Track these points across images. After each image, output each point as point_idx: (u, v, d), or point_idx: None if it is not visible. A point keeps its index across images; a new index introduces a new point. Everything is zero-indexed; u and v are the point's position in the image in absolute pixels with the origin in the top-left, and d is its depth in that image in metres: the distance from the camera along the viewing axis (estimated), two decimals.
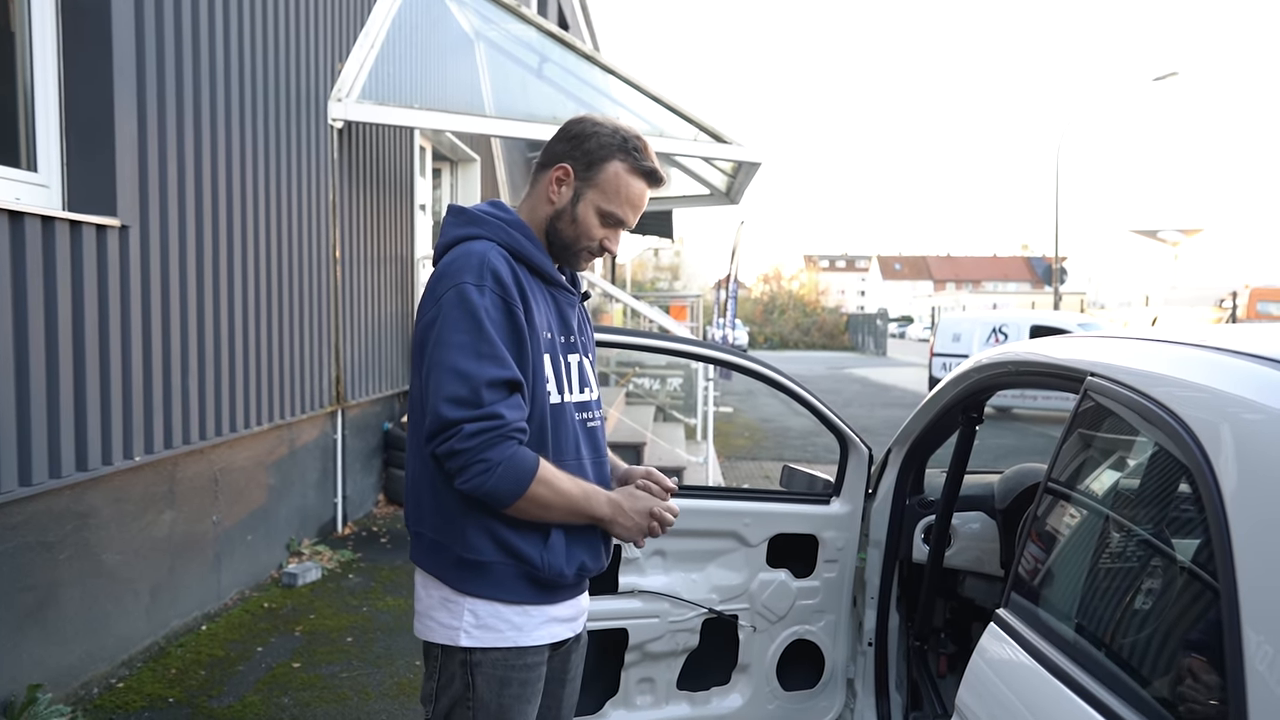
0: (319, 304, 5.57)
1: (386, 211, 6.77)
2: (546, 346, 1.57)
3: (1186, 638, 1.09)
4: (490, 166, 10.16)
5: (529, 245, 1.59)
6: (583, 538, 1.61)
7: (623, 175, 1.59)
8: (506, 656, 1.53)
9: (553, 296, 1.64)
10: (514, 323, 1.49)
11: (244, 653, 3.98)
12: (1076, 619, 1.31)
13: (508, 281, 1.50)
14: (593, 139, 1.59)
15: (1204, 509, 1.05)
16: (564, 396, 1.59)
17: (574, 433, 1.60)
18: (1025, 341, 1.97)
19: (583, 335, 1.71)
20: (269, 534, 5.05)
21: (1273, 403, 1.07)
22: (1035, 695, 1.27)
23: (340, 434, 5.92)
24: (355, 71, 5.84)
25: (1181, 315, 18.41)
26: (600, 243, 1.63)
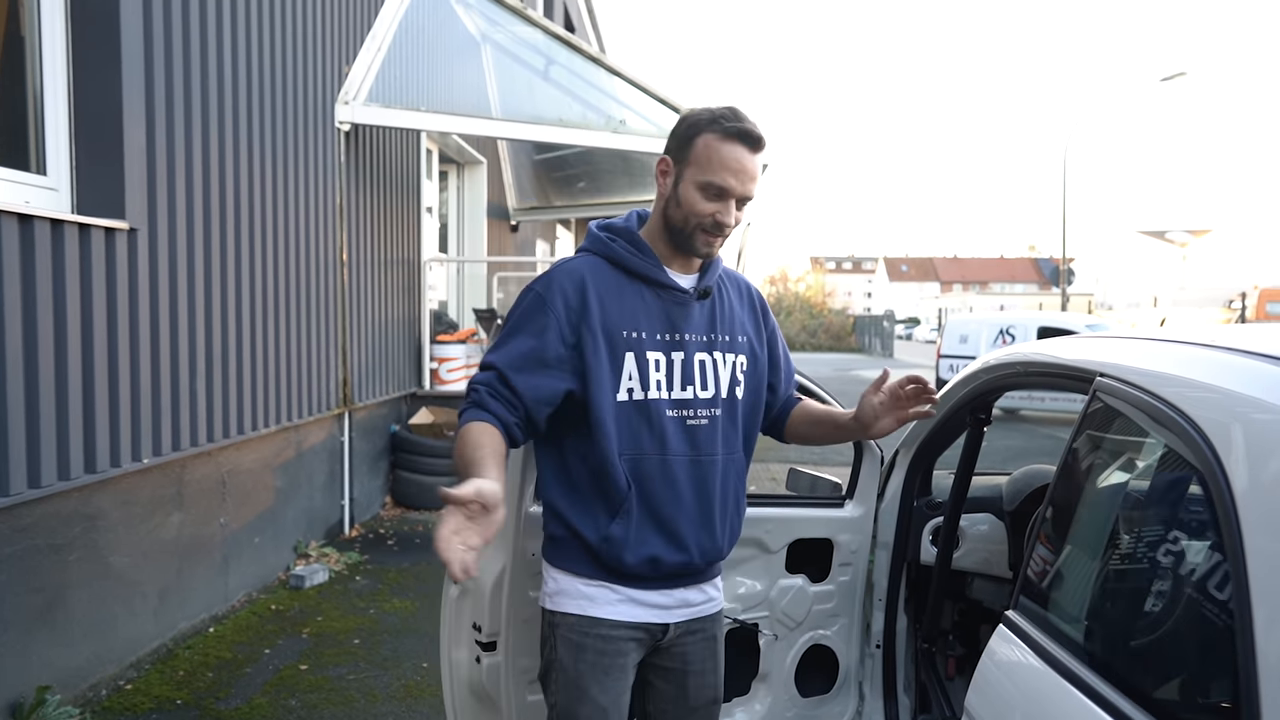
0: (326, 306, 5.59)
1: (394, 214, 6.78)
2: (629, 345, 1.64)
3: (1198, 639, 1.08)
4: (497, 169, 10.18)
5: (624, 252, 1.69)
6: (658, 529, 1.65)
7: (713, 144, 1.62)
8: (581, 624, 1.66)
9: (657, 297, 1.69)
10: (541, 318, 1.63)
11: (251, 655, 3.99)
12: (1086, 621, 1.30)
13: (560, 290, 1.64)
14: (683, 123, 1.66)
15: (1215, 509, 1.04)
16: (648, 393, 1.64)
17: (662, 427, 1.65)
18: (1033, 342, 1.96)
19: (712, 333, 1.74)
20: (276, 536, 5.06)
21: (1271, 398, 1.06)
22: (1044, 698, 1.26)
23: (347, 436, 5.93)
24: (362, 74, 5.86)
25: (1190, 316, 18.32)
26: (712, 218, 1.64)
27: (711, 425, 1.71)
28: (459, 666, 2.25)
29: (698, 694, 1.78)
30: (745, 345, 1.79)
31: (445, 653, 2.30)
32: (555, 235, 14.48)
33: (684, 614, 1.75)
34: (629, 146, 7.13)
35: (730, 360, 1.75)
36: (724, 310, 1.78)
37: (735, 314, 1.80)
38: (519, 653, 2.13)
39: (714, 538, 1.73)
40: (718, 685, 1.83)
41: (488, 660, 2.12)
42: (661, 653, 1.76)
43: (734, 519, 1.80)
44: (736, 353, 1.77)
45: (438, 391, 7.30)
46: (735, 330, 1.78)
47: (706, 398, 1.71)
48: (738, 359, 1.77)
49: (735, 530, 1.81)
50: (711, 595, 1.81)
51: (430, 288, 7.63)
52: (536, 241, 12.78)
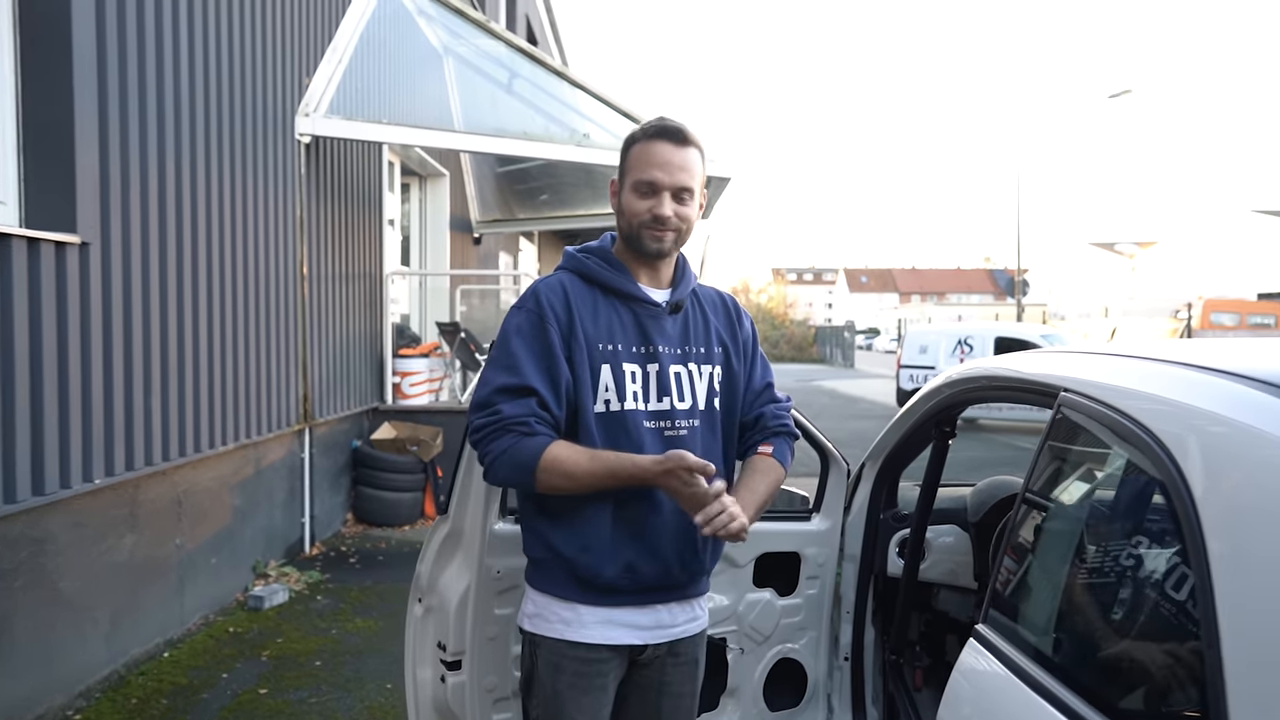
0: (286, 321, 5.49)
1: (355, 227, 6.70)
2: (605, 357, 1.67)
3: (1165, 648, 1.10)
4: (459, 181, 10.11)
5: (596, 267, 1.73)
6: (634, 539, 1.66)
7: (640, 149, 1.70)
8: (559, 646, 1.68)
9: (630, 311, 1.72)
10: (545, 338, 1.64)
11: (208, 680, 3.88)
12: (1054, 633, 1.31)
13: (547, 302, 1.67)
14: (623, 145, 1.76)
15: (1179, 519, 1.06)
16: (624, 404, 1.67)
17: (638, 438, 1.66)
18: (998, 357, 1.99)
19: (687, 345, 1.76)
20: (234, 556, 4.94)
21: (1240, 416, 1.09)
22: (1015, 712, 1.27)
23: (308, 453, 5.82)
24: (323, 86, 5.79)
25: (1140, 326, 18.81)
26: (649, 213, 1.69)
27: (691, 436, 1.72)
28: (424, 686, 2.22)
29: (671, 715, 1.79)
30: (720, 356, 1.81)
31: (410, 672, 2.27)
32: (518, 248, 14.42)
33: (664, 635, 1.74)
34: (593, 160, 7.14)
35: (706, 372, 1.77)
36: (697, 322, 1.80)
37: (710, 326, 1.82)
38: (484, 671, 2.10)
39: (695, 551, 1.73)
40: (693, 709, 1.83)
41: (453, 679, 2.09)
42: (640, 670, 1.76)
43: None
44: (712, 364, 1.79)
45: (400, 406, 7.21)
46: (710, 342, 1.80)
47: (684, 409, 1.73)
48: (714, 370, 1.78)
49: (718, 547, 1.81)
50: (694, 614, 1.80)
51: (393, 301, 7.55)
52: (499, 254, 12.71)
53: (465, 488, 2.17)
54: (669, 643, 1.75)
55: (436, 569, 2.22)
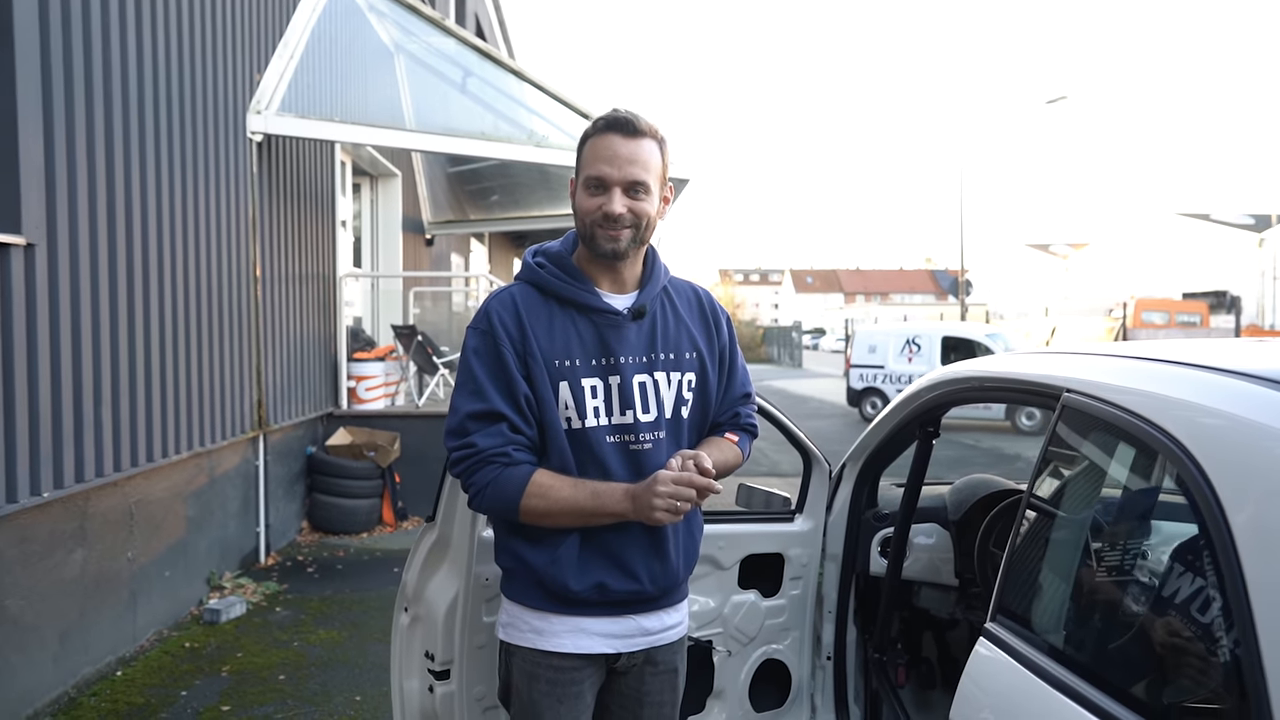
0: (239, 324, 5.33)
1: (308, 228, 6.54)
2: (562, 374, 1.59)
3: (1189, 637, 1.12)
4: (411, 181, 9.95)
5: (551, 279, 1.64)
6: (604, 556, 1.62)
7: (591, 144, 1.63)
8: (532, 655, 1.65)
9: (589, 322, 1.63)
10: (499, 358, 1.59)
11: (166, 698, 3.74)
12: (1072, 627, 1.34)
13: (499, 320, 1.61)
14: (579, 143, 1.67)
15: (1201, 515, 1.08)
16: (585, 421, 1.60)
17: (601, 455, 1.60)
18: (989, 359, 2.02)
19: (652, 353, 1.66)
20: (188, 569, 4.78)
21: (1251, 413, 1.12)
22: (1032, 705, 1.28)
23: (262, 460, 5.66)
24: (274, 83, 5.64)
25: (1078, 325, 19.45)
26: (600, 211, 1.60)
27: (656, 449, 1.65)
28: (411, 696, 2.17)
29: None
30: (693, 361, 1.70)
31: (396, 682, 2.22)
32: (469, 249, 14.25)
33: (639, 643, 1.69)
34: (549, 160, 7.08)
35: (675, 379, 1.68)
36: (666, 327, 1.70)
37: (682, 328, 1.72)
38: (473, 680, 2.06)
39: (667, 564, 1.68)
40: (674, 717, 1.78)
41: (441, 689, 2.05)
42: (618, 679, 1.72)
43: (689, 543, 1.74)
44: (683, 370, 1.69)
45: (356, 411, 7.06)
46: (681, 347, 1.70)
47: (648, 421, 1.65)
48: (684, 377, 1.69)
49: (692, 554, 1.76)
50: (671, 623, 1.74)
51: (346, 304, 7.39)
52: (451, 255, 12.55)
53: (453, 495, 2.12)
54: (645, 650, 1.70)
55: (423, 577, 2.18)
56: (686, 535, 1.73)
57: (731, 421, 1.80)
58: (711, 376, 1.73)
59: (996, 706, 1.38)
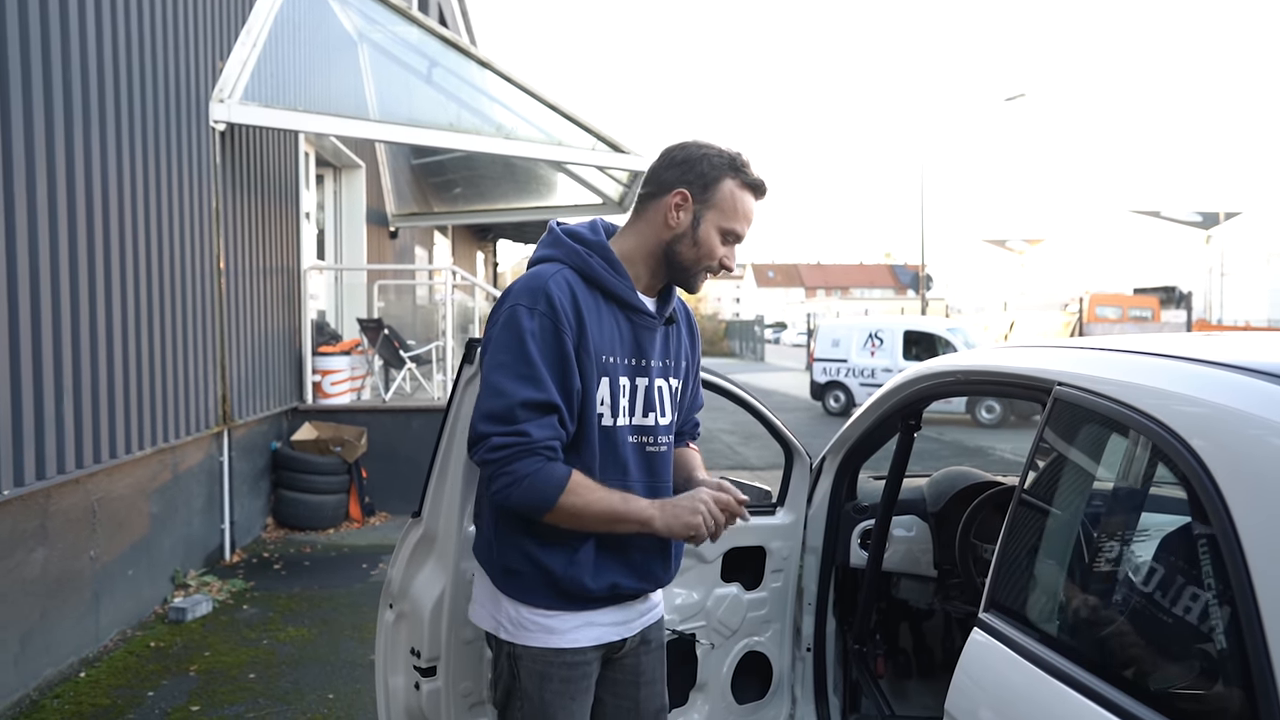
0: (203, 318, 5.21)
1: (271, 219, 6.41)
2: (605, 369, 1.60)
3: (1189, 620, 1.15)
4: (375, 173, 9.81)
5: (602, 270, 1.62)
6: (618, 557, 1.64)
7: (736, 192, 1.64)
8: (544, 654, 1.62)
9: (628, 321, 1.65)
10: (560, 347, 1.54)
11: (133, 699, 3.65)
12: (1067, 616, 1.37)
13: (561, 306, 1.55)
14: (704, 161, 1.63)
15: (1200, 503, 1.11)
16: (616, 420, 1.62)
17: (624, 455, 1.64)
18: (974, 352, 2.06)
19: (667, 359, 1.72)
20: (152, 567, 4.67)
21: (1237, 403, 1.16)
22: (1029, 694, 1.31)
23: (227, 456, 5.55)
24: (238, 71, 5.51)
25: (1035, 319, 19.87)
26: (720, 261, 1.66)
27: (667, 451, 1.73)
28: (396, 694, 2.15)
29: (648, 704, 1.79)
30: (685, 370, 1.80)
31: (381, 680, 2.20)
32: (433, 242, 14.10)
33: (636, 625, 1.76)
34: (517, 152, 7.04)
35: (675, 385, 1.76)
36: (678, 336, 1.79)
37: (682, 339, 1.81)
38: (460, 676, 2.05)
39: (667, 566, 1.74)
40: (664, 694, 1.83)
41: (427, 686, 2.04)
42: (614, 665, 1.75)
43: (679, 545, 1.79)
44: (680, 378, 1.78)
45: (321, 405, 6.95)
46: (680, 355, 1.79)
47: (665, 424, 1.71)
48: (679, 384, 1.78)
49: (680, 552, 1.82)
50: (655, 600, 1.83)
51: (311, 297, 7.27)
52: (415, 249, 12.40)
53: (439, 490, 2.10)
54: (641, 631, 1.77)
55: (409, 574, 2.16)
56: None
57: (692, 432, 1.92)
58: (688, 382, 1.83)
59: (993, 694, 1.41)
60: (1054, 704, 1.26)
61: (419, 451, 6.67)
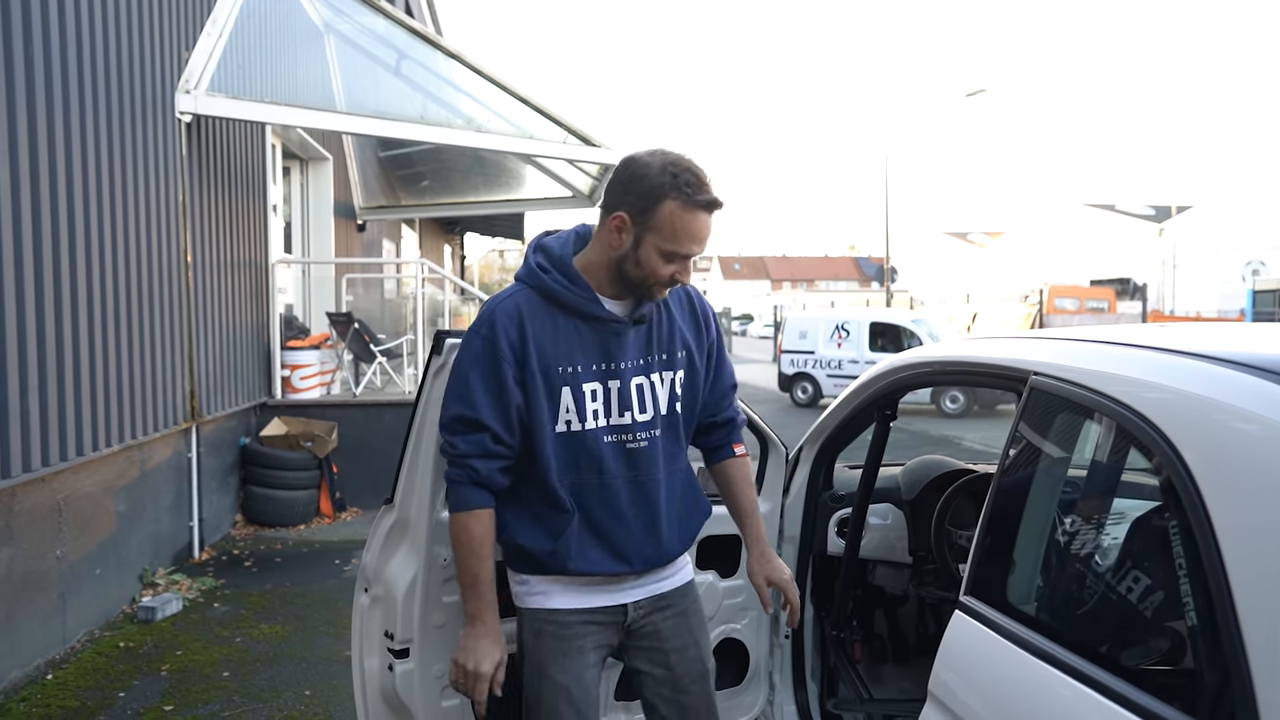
0: (170, 312, 5.13)
1: (239, 212, 6.32)
2: (565, 379, 1.68)
3: (1163, 603, 1.21)
4: (343, 165, 9.70)
5: (556, 286, 1.68)
6: (600, 542, 1.74)
7: (678, 214, 1.60)
8: (540, 614, 1.77)
9: (590, 328, 1.70)
10: (497, 371, 1.66)
11: (103, 700, 3.60)
12: (1045, 597, 1.42)
13: (503, 331, 1.66)
14: (642, 182, 1.61)
15: (1173, 485, 1.16)
16: (585, 424, 1.70)
17: (598, 454, 1.71)
18: (950, 343, 2.11)
19: (648, 356, 1.75)
20: (120, 566, 4.60)
21: (1200, 389, 1.22)
22: (1013, 674, 1.36)
23: (195, 452, 5.47)
24: (203, 62, 5.42)
25: (997, 311, 20.22)
26: (669, 277, 1.66)
27: (651, 446, 1.76)
28: (371, 675, 2.19)
29: (683, 669, 1.83)
30: (684, 360, 1.80)
31: (357, 661, 2.23)
32: (400, 235, 13.97)
33: (641, 593, 1.81)
34: (488, 145, 7.01)
35: (669, 378, 1.78)
36: (661, 329, 1.78)
37: (675, 329, 1.80)
38: (432, 659, 2.09)
39: (659, 546, 1.79)
40: (703, 658, 1.88)
41: (400, 667, 2.08)
42: (635, 635, 1.83)
43: (685, 523, 1.85)
44: (675, 369, 1.79)
45: (290, 400, 6.87)
46: (674, 346, 1.79)
47: (645, 420, 1.75)
48: (676, 375, 1.79)
49: (689, 531, 1.87)
50: (671, 573, 1.85)
51: (279, 290, 7.17)
52: (383, 242, 12.28)
53: (410, 477, 2.13)
54: (650, 599, 1.81)
55: (382, 558, 2.19)
56: (683, 515, 1.85)
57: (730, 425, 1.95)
58: (699, 371, 1.83)
59: (974, 674, 1.46)
60: (1034, 681, 1.32)
61: (390, 446, 6.63)
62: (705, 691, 1.86)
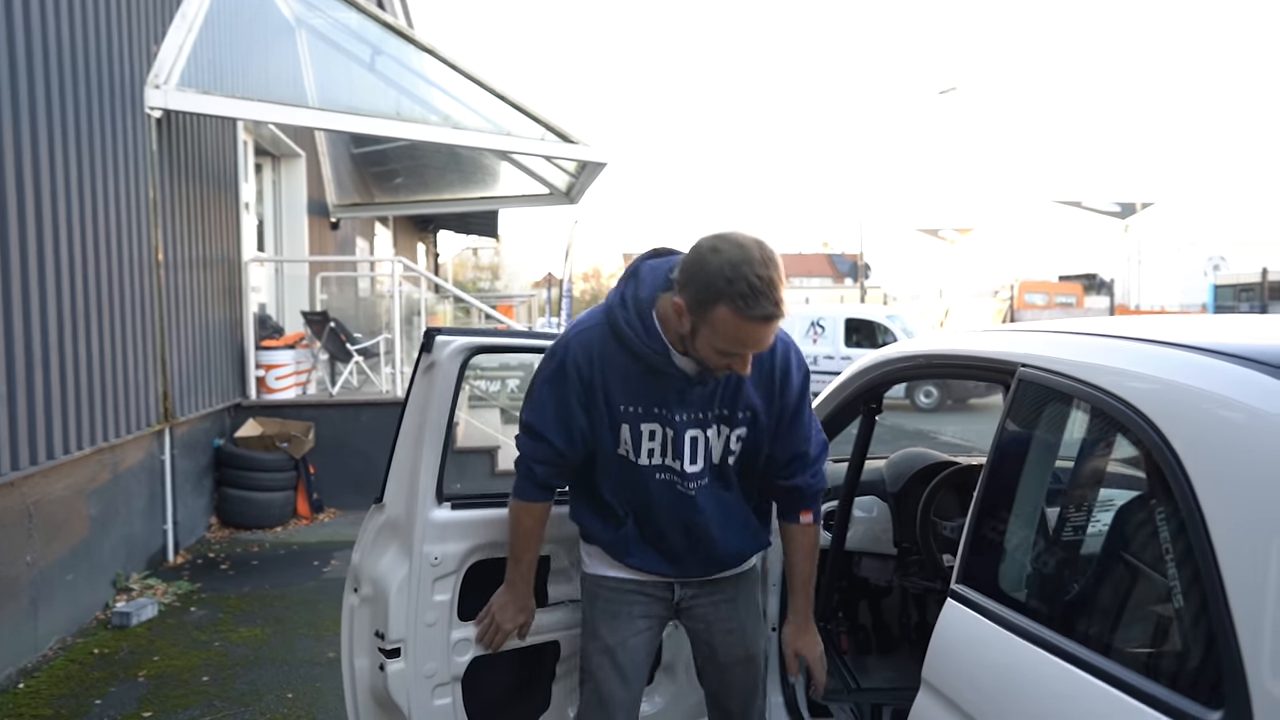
0: (142, 312, 5.04)
1: (211, 210, 6.22)
2: (625, 418, 1.80)
3: (1150, 586, 1.23)
4: (315, 162, 9.58)
5: (629, 333, 1.73)
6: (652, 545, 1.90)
7: (730, 320, 1.56)
8: (596, 580, 1.98)
9: (658, 380, 1.76)
10: (563, 394, 1.79)
11: (79, 708, 3.54)
12: (1036, 584, 1.44)
13: (574, 361, 1.77)
14: (700, 278, 1.56)
15: (1161, 473, 1.18)
16: (639, 459, 1.83)
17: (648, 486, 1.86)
18: (938, 336, 2.13)
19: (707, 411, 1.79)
20: (92, 571, 4.51)
21: (1187, 379, 1.24)
22: (1005, 657, 1.38)
23: (169, 454, 5.38)
24: (173, 56, 5.33)
25: (969, 306, 20.48)
26: (725, 365, 1.66)
27: (700, 495, 1.86)
28: (361, 675, 2.18)
29: (727, 652, 1.98)
30: (746, 418, 1.81)
31: (346, 662, 2.22)
32: (374, 233, 13.84)
33: (689, 576, 1.95)
34: (464, 142, 6.95)
35: (725, 433, 1.82)
36: (727, 387, 1.79)
37: (742, 390, 1.79)
38: (424, 658, 2.09)
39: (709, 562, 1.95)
40: (748, 644, 2.00)
41: (392, 667, 2.07)
42: (685, 614, 1.99)
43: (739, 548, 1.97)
44: (734, 426, 1.81)
45: (265, 401, 6.78)
46: (737, 406, 1.80)
47: (695, 471, 1.83)
48: (735, 431, 1.82)
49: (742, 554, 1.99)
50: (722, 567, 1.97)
51: (253, 289, 7.07)
52: (357, 240, 12.16)
53: (400, 476, 2.12)
54: (700, 582, 1.95)
55: (372, 558, 2.17)
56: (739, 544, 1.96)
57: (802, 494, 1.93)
58: (764, 430, 1.84)
59: (967, 660, 1.48)
60: (1028, 666, 1.33)
61: (369, 445, 6.57)
62: (748, 674, 2.01)
